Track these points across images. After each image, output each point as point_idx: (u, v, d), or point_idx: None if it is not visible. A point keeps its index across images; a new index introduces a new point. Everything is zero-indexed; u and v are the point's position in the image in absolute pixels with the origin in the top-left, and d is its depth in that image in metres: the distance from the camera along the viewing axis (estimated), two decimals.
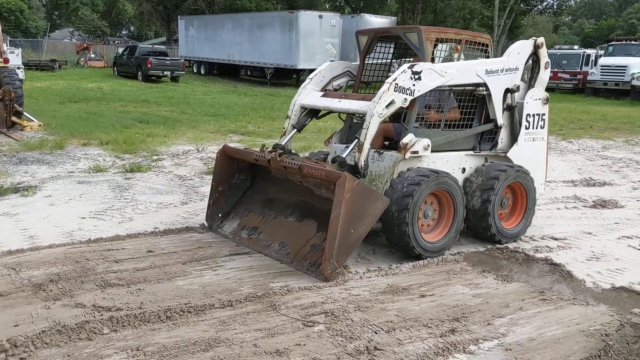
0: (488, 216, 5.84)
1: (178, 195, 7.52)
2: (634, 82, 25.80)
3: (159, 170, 8.98)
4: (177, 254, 5.31)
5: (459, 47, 6.14)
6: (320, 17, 28.82)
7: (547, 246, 5.98)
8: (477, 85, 6.00)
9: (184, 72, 30.11)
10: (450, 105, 5.98)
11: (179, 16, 40.68)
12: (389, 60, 6.73)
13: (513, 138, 6.38)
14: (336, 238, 4.65)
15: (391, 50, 6.73)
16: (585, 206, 7.73)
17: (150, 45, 34.79)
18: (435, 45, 5.98)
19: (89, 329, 3.77)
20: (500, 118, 6.22)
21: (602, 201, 7.89)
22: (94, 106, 16.93)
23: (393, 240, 5.39)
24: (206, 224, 6.12)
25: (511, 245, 5.87)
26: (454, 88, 5.89)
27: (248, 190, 6.19)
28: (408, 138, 5.50)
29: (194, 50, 35.51)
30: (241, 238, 5.73)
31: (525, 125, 6.38)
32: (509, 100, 6.23)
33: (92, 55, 39.11)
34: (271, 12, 36.32)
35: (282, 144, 6.01)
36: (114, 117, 14.35)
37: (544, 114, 6.56)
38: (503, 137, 6.32)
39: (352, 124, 6.44)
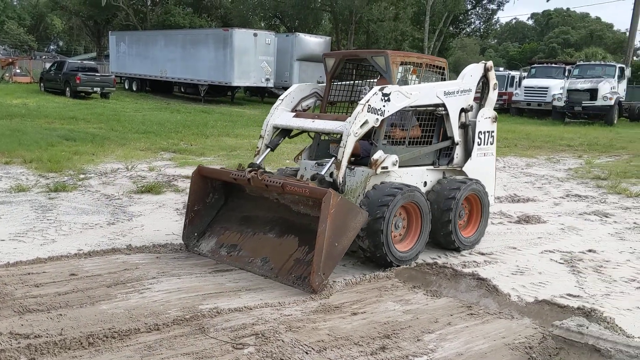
0: (449, 226, 6.20)
1: (105, 215, 7.27)
2: (555, 103, 27.08)
3: (86, 189, 8.67)
4: (101, 276, 5.11)
5: (416, 69, 6.49)
6: (255, 35, 28.90)
7: (474, 261, 6.14)
8: (437, 105, 6.40)
9: (114, 89, 29.35)
10: (413, 123, 6.34)
11: (109, 31, 39.81)
12: (354, 82, 6.95)
13: (467, 154, 6.82)
14: (323, 251, 4.83)
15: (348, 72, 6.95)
16: (510, 222, 8.01)
17: (79, 61, 33.70)
18: None
19: (4, 358, 3.56)
20: (457, 135, 6.63)
21: (526, 217, 8.20)
22: (18, 123, 16.20)
23: (368, 249, 5.59)
24: (183, 242, 6.10)
25: (440, 261, 5.99)
26: (417, 108, 6.23)
27: (222, 209, 6.26)
28: (378, 154, 5.80)
29: (126, 66, 34.73)
30: (220, 256, 5.77)
31: (478, 142, 6.86)
32: (463, 119, 6.66)
33: (18, 71, 37.67)
34: (205, 29, 36.06)
35: (257, 162, 6.15)
36: (39, 135, 13.78)
37: (493, 131, 7.08)
38: (458, 153, 6.75)
39: (320, 142, 6.71)
